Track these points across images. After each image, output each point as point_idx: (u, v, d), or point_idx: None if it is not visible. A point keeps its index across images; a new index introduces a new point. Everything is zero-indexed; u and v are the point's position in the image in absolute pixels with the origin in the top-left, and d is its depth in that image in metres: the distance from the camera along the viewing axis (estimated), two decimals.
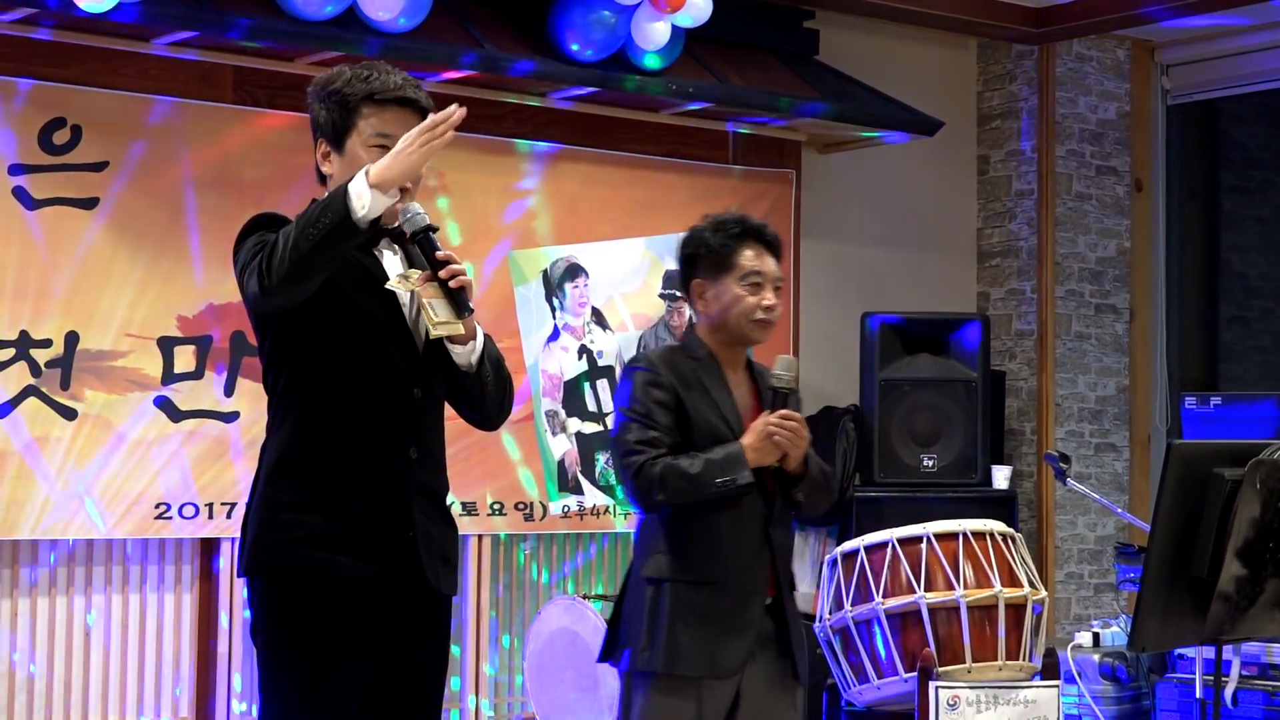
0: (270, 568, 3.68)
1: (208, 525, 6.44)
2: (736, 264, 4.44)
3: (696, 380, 4.42)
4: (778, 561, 4.43)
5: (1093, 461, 8.72)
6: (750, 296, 4.44)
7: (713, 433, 4.37)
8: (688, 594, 4.32)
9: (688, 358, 4.47)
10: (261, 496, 3.74)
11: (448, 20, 6.78)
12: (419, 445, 3.74)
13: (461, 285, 3.68)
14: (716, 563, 4.34)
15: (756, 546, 4.39)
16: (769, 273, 4.47)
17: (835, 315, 8.18)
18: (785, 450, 4.36)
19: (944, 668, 5.60)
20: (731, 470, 4.29)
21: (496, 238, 7.08)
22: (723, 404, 4.43)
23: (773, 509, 4.43)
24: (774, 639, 4.43)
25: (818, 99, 7.65)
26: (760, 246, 4.48)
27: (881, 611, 5.64)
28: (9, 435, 6.08)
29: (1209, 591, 4.31)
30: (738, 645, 4.33)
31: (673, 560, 4.34)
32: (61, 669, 6.28)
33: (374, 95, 3.72)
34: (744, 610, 4.35)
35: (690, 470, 4.28)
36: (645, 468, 4.31)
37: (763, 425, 4.34)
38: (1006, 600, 5.64)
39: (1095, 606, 8.60)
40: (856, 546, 5.85)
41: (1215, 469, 4.32)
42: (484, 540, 7.09)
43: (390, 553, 3.68)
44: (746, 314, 4.44)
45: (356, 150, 3.72)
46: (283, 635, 3.68)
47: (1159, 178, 9.02)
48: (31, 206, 6.13)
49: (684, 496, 4.30)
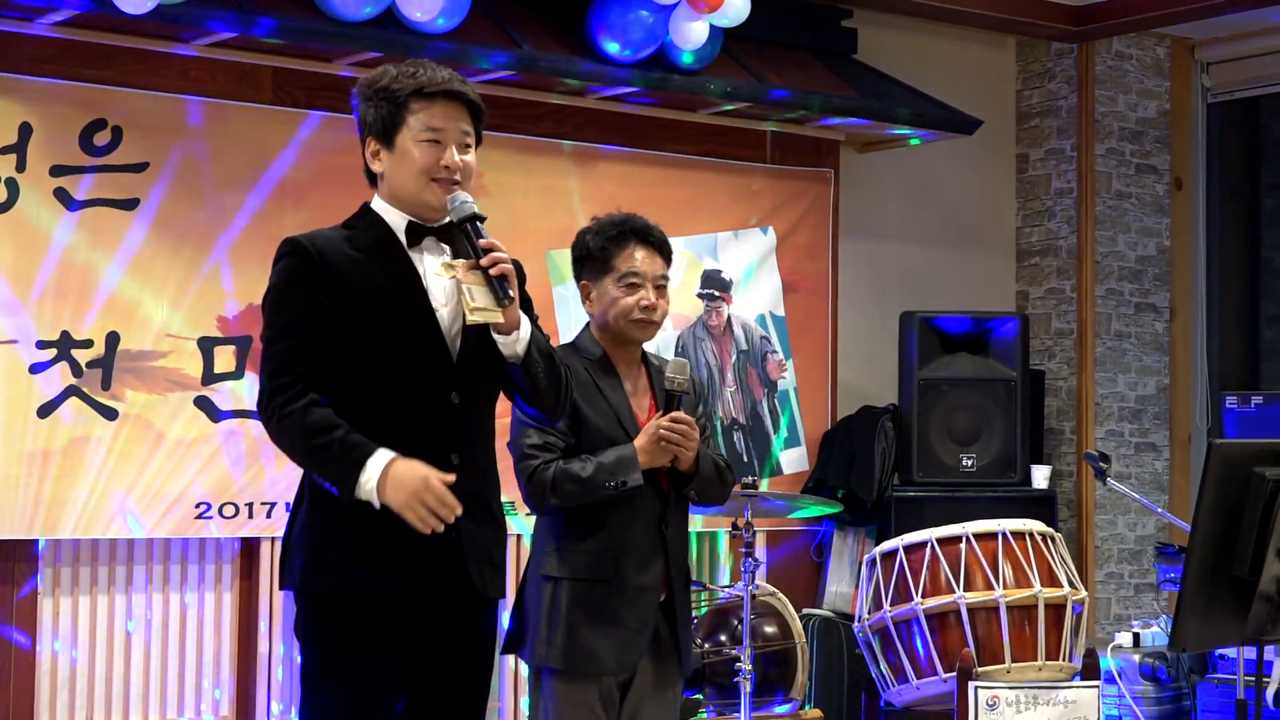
0: (320, 590, 3.71)
1: (248, 525, 6.46)
2: (614, 265, 4.52)
3: (590, 381, 4.48)
4: (671, 559, 4.49)
5: (1133, 461, 8.68)
6: (627, 297, 4.51)
7: (605, 434, 4.44)
8: (583, 592, 4.39)
9: (582, 357, 4.52)
10: (307, 517, 3.75)
11: (486, 20, 6.79)
12: (461, 450, 3.74)
13: (503, 273, 3.70)
14: (611, 561, 4.40)
15: (651, 544, 4.45)
16: (647, 272, 4.53)
17: (874, 315, 8.17)
18: (675, 453, 4.42)
19: (983, 668, 5.59)
20: (622, 473, 4.37)
21: (535, 238, 7.08)
22: (616, 404, 4.50)
23: (667, 507, 4.50)
24: (661, 636, 4.50)
25: (856, 98, 7.64)
26: (643, 246, 4.55)
27: (921, 611, 5.64)
28: (51, 435, 6.11)
29: (1250, 591, 4.30)
30: (634, 641, 4.41)
31: (568, 558, 4.42)
32: (102, 668, 6.31)
33: (423, 90, 3.75)
34: (638, 607, 4.42)
35: (581, 474, 4.36)
36: (538, 472, 4.38)
37: (654, 428, 4.40)
38: (1046, 600, 5.63)
39: (1135, 606, 8.57)
40: (895, 546, 5.84)
41: (1256, 468, 4.30)
42: (522, 540, 7.10)
43: (437, 562, 3.70)
44: (624, 314, 4.51)
45: (407, 145, 3.75)
46: (330, 651, 3.71)
47: (1199, 176, 8.98)
48: (72, 207, 6.16)
49: (575, 499, 4.38)
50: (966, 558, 5.67)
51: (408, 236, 3.78)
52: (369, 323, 3.69)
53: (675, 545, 4.52)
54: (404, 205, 3.79)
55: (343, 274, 3.70)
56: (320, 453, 3.63)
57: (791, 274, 7.81)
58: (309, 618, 3.73)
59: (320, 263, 3.70)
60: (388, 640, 3.68)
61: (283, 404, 3.65)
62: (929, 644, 5.66)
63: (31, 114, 6.10)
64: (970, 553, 5.68)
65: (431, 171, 3.75)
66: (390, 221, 3.79)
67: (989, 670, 5.58)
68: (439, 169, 3.75)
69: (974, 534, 5.70)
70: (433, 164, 3.75)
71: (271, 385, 3.68)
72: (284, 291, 3.72)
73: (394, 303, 3.72)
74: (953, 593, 5.64)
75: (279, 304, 3.73)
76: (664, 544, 4.48)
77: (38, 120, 6.11)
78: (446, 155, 3.76)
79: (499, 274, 3.70)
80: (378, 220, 3.80)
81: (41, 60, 6.14)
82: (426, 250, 3.79)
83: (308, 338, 3.68)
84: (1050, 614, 5.68)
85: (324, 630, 3.71)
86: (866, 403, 7.96)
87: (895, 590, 5.78)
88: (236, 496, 6.44)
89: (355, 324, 3.69)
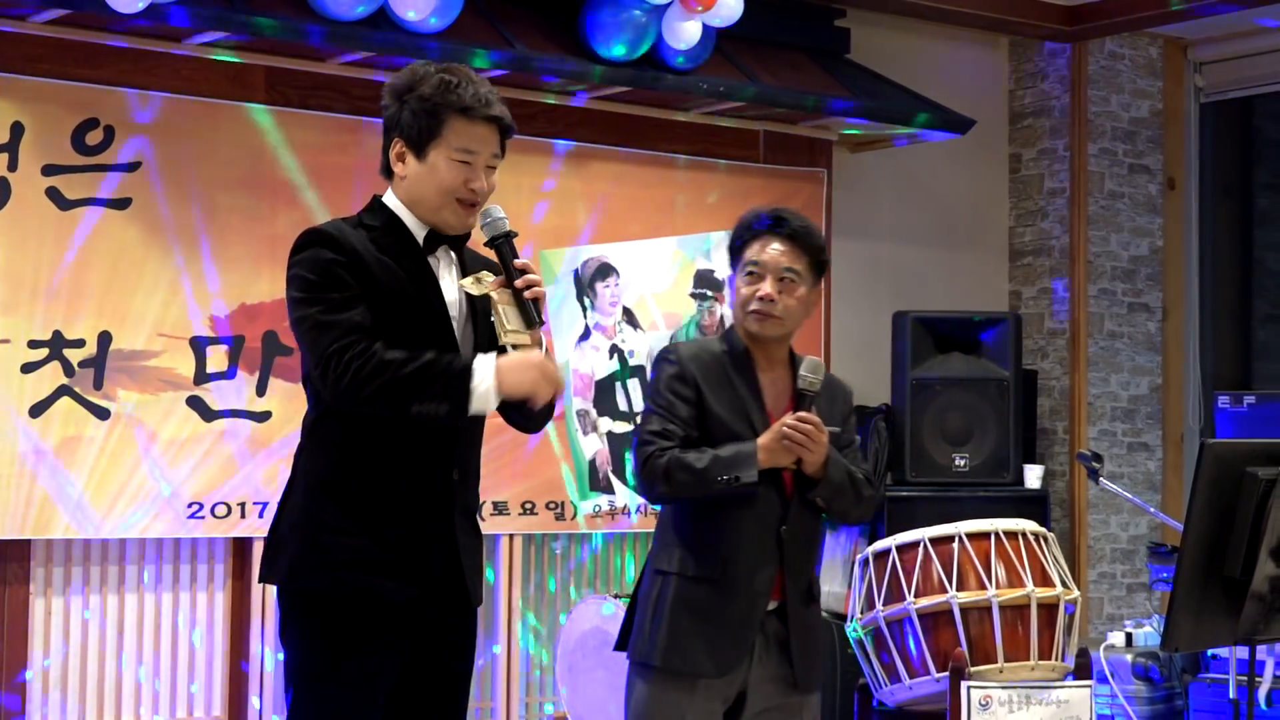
0: (310, 589, 3.66)
1: (240, 525, 6.46)
2: (743, 257, 4.39)
3: (723, 374, 4.30)
4: (787, 564, 4.26)
5: (1125, 461, 8.69)
6: (745, 288, 4.35)
7: (729, 428, 4.24)
8: (689, 589, 4.22)
9: (722, 350, 4.34)
10: (302, 514, 3.70)
11: (479, 20, 6.79)
12: (461, 465, 3.73)
13: (536, 296, 3.66)
14: (720, 560, 4.21)
15: (766, 547, 4.23)
16: (768, 262, 4.32)
17: (866, 314, 8.18)
18: (798, 453, 4.21)
19: (976, 668, 5.58)
20: (736, 468, 4.16)
21: (527, 237, 7.08)
22: (746, 400, 4.29)
23: (788, 510, 4.27)
24: (779, 644, 4.28)
25: (849, 98, 7.64)
26: (773, 238, 4.35)
27: (913, 611, 5.63)
28: (42, 434, 6.11)
29: (1242, 591, 4.30)
30: (734, 646, 4.21)
31: (680, 554, 4.24)
32: (94, 667, 6.31)
33: (466, 110, 3.66)
34: (744, 611, 4.22)
35: (695, 464, 4.17)
36: (653, 459, 4.20)
37: (778, 427, 4.20)
38: (1039, 600, 5.63)
39: (1128, 606, 8.57)
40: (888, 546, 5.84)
41: (1249, 468, 4.30)
42: (515, 540, 7.10)
43: (433, 573, 3.68)
44: (742, 305, 4.34)
45: (439, 161, 3.68)
46: (316, 653, 3.68)
47: (1192, 176, 8.99)
48: (64, 207, 6.16)
49: (687, 490, 4.20)
50: (959, 557, 5.66)
51: (426, 244, 3.73)
52: (391, 325, 3.62)
53: (793, 551, 4.27)
54: (420, 213, 3.73)
55: (373, 272, 3.64)
56: (420, 375, 3.52)
57: None
58: (297, 616, 3.69)
59: (352, 253, 3.63)
60: (380, 643, 3.65)
61: (358, 354, 3.53)
62: (922, 644, 5.65)
63: (24, 113, 6.09)
64: (963, 552, 5.67)
65: (457, 192, 3.68)
66: (409, 225, 3.72)
67: (982, 670, 5.57)
68: (465, 190, 3.69)
69: (967, 534, 5.70)
70: (460, 185, 3.68)
71: (338, 345, 3.54)
72: (324, 273, 3.60)
73: (418, 312, 3.67)
74: (945, 592, 5.63)
75: (323, 284, 3.59)
76: (780, 547, 4.25)
77: (30, 119, 6.10)
78: (476, 179, 3.69)
79: (534, 296, 3.65)
80: (395, 221, 3.72)
81: (34, 59, 6.13)
82: (440, 258, 3.75)
83: (365, 312, 3.59)
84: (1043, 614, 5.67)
85: (314, 629, 3.67)
86: (859, 402, 7.95)
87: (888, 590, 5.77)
88: (228, 496, 6.43)
89: (377, 325, 3.61)
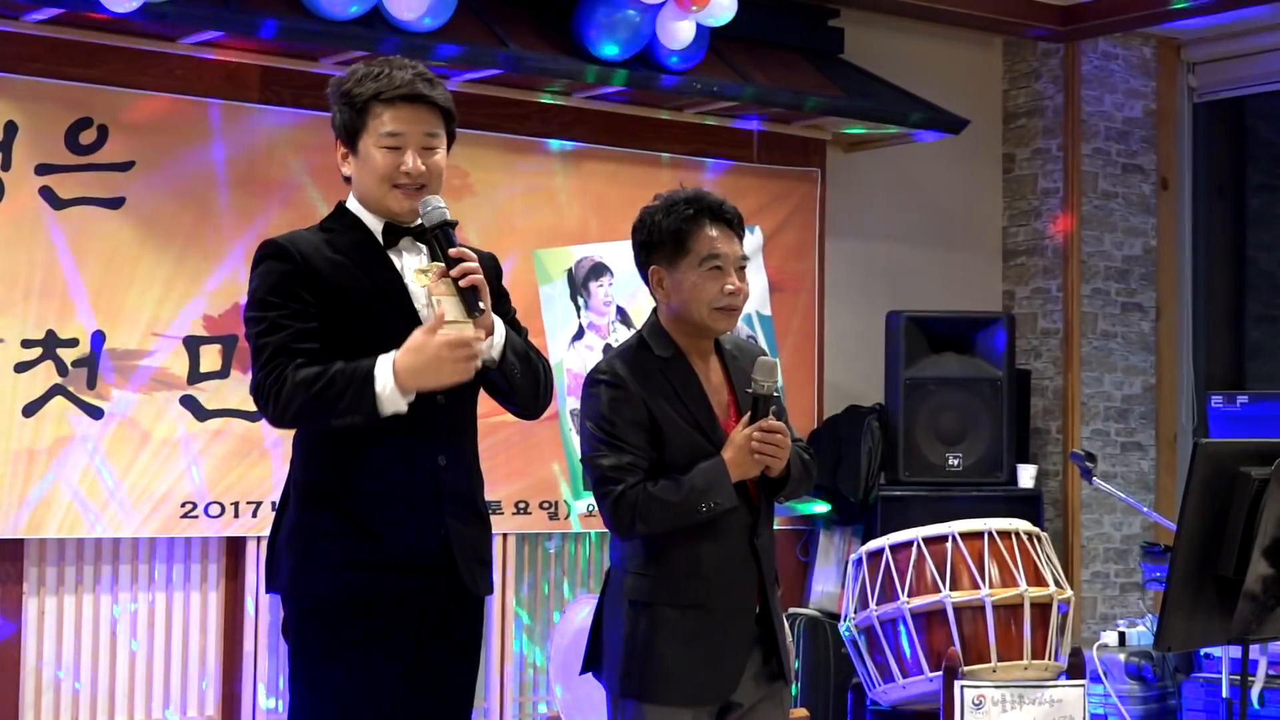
0: (310, 593, 3.69)
1: (234, 524, 6.45)
2: (693, 247, 4.04)
3: (665, 384, 4.05)
4: (764, 569, 4.12)
5: (1119, 460, 8.69)
6: (710, 283, 4.04)
7: (687, 444, 4.03)
8: (675, 618, 4.01)
9: (653, 356, 4.08)
10: (295, 522, 3.73)
11: (473, 19, 6.79)
12: (447, 451, 3.74)
13: (472, 284, 3.65)
14: (704, 584, 4.02)
15: (743, 558, 4.08)
16: (729, 254, 4.05)
17: (860, 314, 8.18)
18: (767, 464, 4.05)
19: (969, 667, 5.59)
20: (714, 494, 3.98)
21: (521, 237, 7.08)
22: (696, 408, 4.06)
23: (758, 518, 4.13)
24: (761, 641, 4.16)
25: (842, 98, 7.65)
26: (720, 225, 4.07)
27: (907, 611, 5.64)
28: (36, 434, 6.10)
29: (1235, 590, 4.31)
30: (727, 668, 4.06)
31: (657, 583, 4.02)
32: (88, 667, 6.30)
33: (380, 94, 3.70)
34: (734, 629, 4.07)
35: (670, 499, 3.96)
36: (623, 499, 3.96)
37: (743, 440, 4.01)
38: (1032, 599, 5.64)
39: (1121, 606, 8.58)
40: (882, 546, 5.85)
41: (1242, 468, 4.31)
42: (509, 539, 7.09)
43: (427, 563, 3.70)
44: (708, 302, 4.04)
45: (369, 150, 3.72)
46: (323, 655, 3.70)
47: (1185, 176, 8.99)
48: (58, 206, 6.15)
49: (666, 526, 3.98)
50: (953, 557, 5.68)
51: (384, 237, 3.76)
52: (352, 324, 3.67)
53: (766, 554, 4.14)
54: (372, 208, 3.77)
55: (325, 276, 3.68)
56: (325, 393, 3.57)
57: (778, 273, 7.81)
58: (299, 621, 3.72)
59: (302, 262, 3.68)
60: (380, 641, 3.67)
61: (274, 381, 3.60)
62: (915, 643, 5.66)
63: (17, 112, 6.09)
64: (956, 552, 5.69)
65: (392, 178, 3.71)
66: (367, 222, 3.78)
67: (975, 669, 5.58)
68: (399, 175, 3.71)
69: (960, 533, 5.71)
70: (393, 170, 3.71)
71: (263, 373, 3.63)
72: (270, 290, 3.68)
73: (376, 304, 3.71)
74: (939, 592, 5.64)
75: (266, 302, 3.67)
76: (755, 555, 4.10)
77: (23, 118, 6.09)
78: (406, 161, 3.71)
79: (469, 285, 3.65)
80: (354, 221, 3.78)
81: (27, 58, 6.13)
82: (405, 250, 3.78)
83: (299, 331, 3.65)
84: (1036, 613, 5.69)
85: (315, 633, 3.69)
86: (853, 402, 7.97)
87: (881, 589, 5.78)
88: (222, 495, 6.43)
89: (339, 325, 3.67)
